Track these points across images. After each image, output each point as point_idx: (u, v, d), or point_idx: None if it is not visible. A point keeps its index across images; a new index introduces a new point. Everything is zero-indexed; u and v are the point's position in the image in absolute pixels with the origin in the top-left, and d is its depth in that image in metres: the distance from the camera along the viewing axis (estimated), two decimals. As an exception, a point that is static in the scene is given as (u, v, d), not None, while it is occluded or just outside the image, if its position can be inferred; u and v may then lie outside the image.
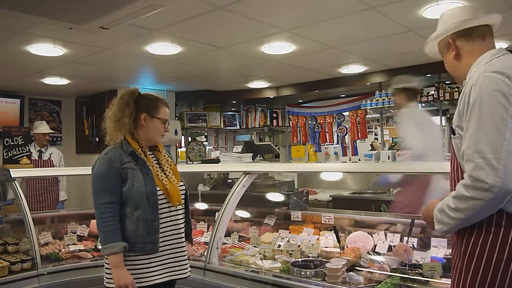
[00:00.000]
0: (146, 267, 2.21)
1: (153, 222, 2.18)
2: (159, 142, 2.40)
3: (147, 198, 2.18)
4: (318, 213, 3.40)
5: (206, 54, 5.14)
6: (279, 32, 4.40)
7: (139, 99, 2.32)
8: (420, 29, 4.43)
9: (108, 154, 2.26)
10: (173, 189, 2.27)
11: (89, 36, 4.09)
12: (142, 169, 2.23)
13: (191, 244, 2.61)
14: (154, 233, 2.18)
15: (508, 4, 3.71)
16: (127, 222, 2.19)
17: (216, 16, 3.79)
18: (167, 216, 2.28)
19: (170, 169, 2.35)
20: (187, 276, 2.35)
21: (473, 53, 1.74)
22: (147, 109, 2.30)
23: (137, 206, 2.18)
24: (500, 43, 5.06)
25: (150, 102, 2.34)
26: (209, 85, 7.28)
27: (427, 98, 6.17)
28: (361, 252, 2.83)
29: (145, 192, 2.18)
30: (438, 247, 2.72)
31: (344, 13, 3.88)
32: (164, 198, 2.26)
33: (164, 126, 2.35)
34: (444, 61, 1.92)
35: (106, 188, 2.18)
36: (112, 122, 2.26)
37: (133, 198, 2.18)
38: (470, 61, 1.74)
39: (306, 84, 7.26)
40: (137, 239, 2.17)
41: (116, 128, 2.25)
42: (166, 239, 2.27)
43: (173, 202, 2.26)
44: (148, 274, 2.21)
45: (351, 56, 5.60)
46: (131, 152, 2.24)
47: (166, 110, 2.38)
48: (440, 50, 1.93)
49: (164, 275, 2.25)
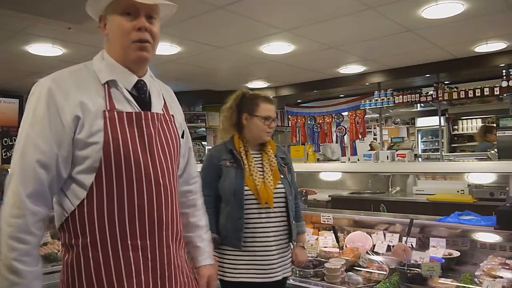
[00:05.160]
0: (232, 263, 2.23)
1: (238, 220, 2.21)
2: (265, 140, 2.36)
3: (234, 195, 2.22)
4: (317, 213, 3.39)
5: (205, 54, 5.14)
6: (278, 32, 4.41)
7: (241, 101, 2.40)
8: (419, 29, 4.44)
9: (211, 150, 2.44)
10: (264, 189, 2.23)
11: (88, 36, 4.09)
12: (237, 167, 2.28)
13: (300, 247, 2.46)
14: (239, 230, 2.21)
15: (507, 4, 3.71)
16: (220, 216, 2.29)
17: (216, 16, 3.80)
18: (256, 217, 2.25)
19: (271, 170, 2.31)
20: (275, 280, 2.25)
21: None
22: (247, 109, 2.35)
23: (227, 202, 2.26)
24: (499, 43, 5.07)
25: (249, 102, 2.38)
26: (208, 85, 7.28)
27: (426, 98, 6.18)
28: (360, 252, 2.83)
29: (233, 189, 2.23)
30: (437, 247, 2.72)
31: (343, 13, 3.89)
32: (254, 198, 2.24)
33: (265, 122, 2.33)
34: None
35: (206, 181, 2.25)
36: (221, 124, 2.45)
37: (223, 193, 2.26)
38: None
39: (305, 84, 7.27)
40: (227, 233, 2.24)
41: (223, 131, 2.42)
42: (254, 239, 2.24)
43: (261, 201, 2.23)
44: (233, 270, 2.23)
45: (350, 56, 5.61)
46: (230, 150, 2.31)
47: (267, 106, 2.36)
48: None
49: (248, 275, 2.22)
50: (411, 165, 3.59)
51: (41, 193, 1.23)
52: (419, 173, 4.93)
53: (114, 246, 1.27)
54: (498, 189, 4.37)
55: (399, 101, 6.44)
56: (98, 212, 1.26)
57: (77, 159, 1.26)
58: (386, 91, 6.67)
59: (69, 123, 1.24)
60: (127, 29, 1.29)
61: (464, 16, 3.98)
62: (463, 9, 3.80)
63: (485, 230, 2.65)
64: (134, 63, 1.35)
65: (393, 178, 5.67)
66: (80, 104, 1.25)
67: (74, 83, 1.29)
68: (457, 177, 4.97)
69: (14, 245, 1.18)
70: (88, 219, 1.26)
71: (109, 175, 1.25)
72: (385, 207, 4.12)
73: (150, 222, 1.31)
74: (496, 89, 5.48)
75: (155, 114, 1.38)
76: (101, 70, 1.33)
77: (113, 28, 1.32)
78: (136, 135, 1.30)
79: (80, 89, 1.28)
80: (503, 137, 2.98)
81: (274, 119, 2.36)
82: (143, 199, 1.30)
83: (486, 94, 5.63)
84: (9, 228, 1.19)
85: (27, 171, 1.21)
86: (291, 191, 2.36)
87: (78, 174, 1.27)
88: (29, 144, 1.22)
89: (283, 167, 2.39)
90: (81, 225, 1.27)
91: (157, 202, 1.33)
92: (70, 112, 1.24)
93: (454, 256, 2.65)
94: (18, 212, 1.19)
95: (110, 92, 1.31)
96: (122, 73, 1.34)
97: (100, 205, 1.26)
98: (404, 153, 5.42)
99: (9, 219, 1.19)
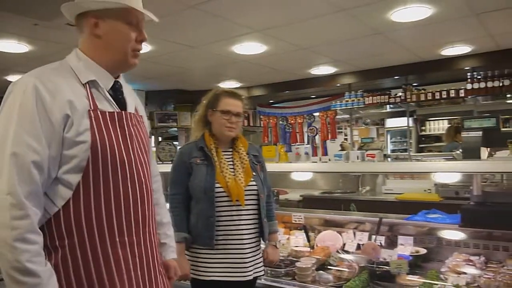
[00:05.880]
0: (204, 262, 2.21)
1: (209, 218, 2.18)
2: (228, 135, 2.29)
3: (204, 193, 2.19)
4: (288, 212, 3.42)
5: (177, 53, 5.10)
6: (250, 33, 4.41)
7: (210, 97, 2.35)
8: (389, 32, 4.53)
9: (182, 148, 2.41)
10: (234, 185, 2.20)
11: (56, 32, 3.98)
12: (208, 165, 2.24)
13: (272, 246, 2.44)
14: (210, 229, 2.18)
15: (471, 10, 3.84)
16: (191, 215, 2.26)
17: (188, 15, 3.77)
18: (227, 215, 2.22)
19: (242, 168, 2.28)
20: (248, 279, 2.23)
21: None
22: (211, 105, 2.31)
23: (197, 200, 2.23)
24: (464, 47, 5.23)
25: (214, 97, 2.33)
26: (180, 85, 7.22)
27: (395, 100, 6.32)
28: (330, 251, 2.87)
29: (204, 187, 2.19)
30: (404, 245, 2.78)
31: (315, 15, 3.93)
32: (225, 195, 2.20)
33: (224, 117, 2.25)
34: None
35: (175, 180, 2.30)
36: (193, 123, 2.44)
37: (194, 192, 2.24)
38: None
39: (277, 84, 7.31)
40: (198, 232, 2.22)
41: (194, 128, 2.40)
42: (226, 237, 2.21)
43: (232, 198, 2.20)
44: (205, 269, 2.21)
45: (322, 57, 5.67)
46: (200, 148, 2.27)
47: (228, 100, 2.28)
48: None
49: (221, 274, 2.20)
50: (380, 165, 3.66)
51: (36, 194, 1.20)
52: (388, 173, 5.03)
53: (103, 244, 1.28)
54: (463, 188, 4.51)
55: (369, 102, 6.56)
56: (86, 212, 1.26)
57: (65, 158, 1.25)
58: (357, 92, 6.78)
59: (59, 122, 1.22)
60: (132, 38, 1.38)
61: (431, 20, 4.09)
62: (430, 13, 3.91)
63: (450, 228, 2.74)
64: (126, 68, 1.43)
65: (363, 177, 5.77)
66: (68, 103, 1.24)
67: (58, 81, 1.27)
68: (425, 177, 5.10)
69: (24, 247, 1.14)
70: (74, 219, 1.25)
71: (96, 174, 1.26)
72: (355, 206, 4.19)
73: (135, 220, 1.35)
74: (461, 92, 5.66)
75: (132, 114, 1.42)
76: (80, 69, 1.34)
77: (114, 33, 1.36)
78: (119, 135, 1.33)
79: (66, 87, 1.27)
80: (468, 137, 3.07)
81: (236, 113, 2.28)
82: (128, 197, 1.33)
83: (452, 96, 5.80)
84: (14, 231, 1.13)
85: (23, 172, 1.17)
86: (264, 189, 2.34)
87: (65, 174, 1.25)
88: (20, 143, 1.18)
89: (256, 164, 2.37)
90: (67, 226, 1.25)
91: (141, 200, 1.37)
92: (59, 111, 1.23)
93: (421, 254, 2.72)
94: (21, 213, 1.15)
95: (92, 92, 1.33)
96: (101, 74, 1.36)
97: (87, 204, 1.26)
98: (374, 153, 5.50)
99: (11, 222, 1.14)
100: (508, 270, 2.30)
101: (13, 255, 1.12)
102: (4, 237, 1.13)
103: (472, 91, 5.58)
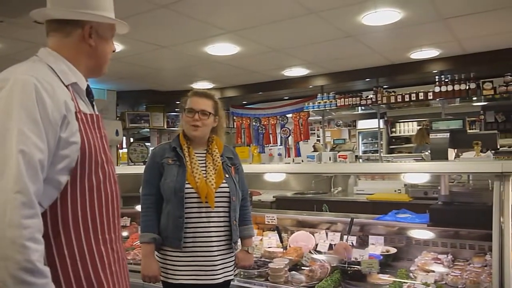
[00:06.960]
0: (173, 264, 2.18)
1: (178, 219, 2.16)
2: (192, 135, 2.27)
3: (174, 193, 2.17)
4: (261, 213, 3.42)
5: (149, 53, 5.03)
6: (223, 33, 4.40)
7: (184, 99, 2.34)
8: (359, 35, 4.60)
9: (155, 149, 2.39)
10: (204, 186, 2.18)
11: (23, 30, 3.87)
12: (180, 165, 2.23)
13: (244, 251, 2.40)
14: (179, 230, 2.16)
15: (439, 15, 3.94)
16: (161, 215, 2.24)
17: (159, 14, 3.73)
18: (196, 216, 2.19)
19: (214, 169, 2.26)
20: (217, 283, 2.20)
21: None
22: (183, 106, 2.31)
23: (168, 201, 2.21)
24: (432, 51, 5.37)
25: (185, 98, 2.33)
26: (152, 85, 7.13)
27: (366, 102, 6.43)
28: (303, 251, 2.89)
29: (173, 187, 2.18)
30: (375, 245, 2.83)
31: (286, 16, 3.96)
32: (196, 196, 2.18)
33: (188, 115, 2.24)
34: None
35: (147, 180, 2.29)
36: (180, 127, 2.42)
37: (164, 192, 2.22)
38: None
39: (250, 85, 7.32)
40: (167, 234, 2.19)
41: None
42: (195, 240, 2.18)
43: (201, 197, 2.18)
44: (174, 272, 2.18)
45: (294, 59, 5.71)
46: (173, 148, 2.27)
47: (193, 99, 2.28)
48: None
49: (189, 277, 2.16)
50: (352, 166, 3.71)
51: (39, 194, 1.18)
52: (360, 173, 5.10)
53: (88, 241, 1.31)
54: (432, 189, 4.62)
55: (341, 104, 6.65)
56: (73, 211, 1.28)
57: (57, 158, 1.25)
58: (329, 94, 6.88)
59: (57, 122, 1.23)
60: (112, 49, 1.54)
61: (401, 24, 4.18)
62: (399, 17, 3.99)
63: (419, 227, 2.79)
64: (99, 75, 1.52)
65: (335, 178, 5.84)
66: (64, 103, 1.26)
67: (51, 81, 1.27)
68: (395, 177, 5.21)
69: (35, 247, 1.12)
70: (62, 218, 1.26)
71: (82, 174, 1.29)
72: (328, 207, 4.23)
73: (113, 216, 1.41)
74: (429, 94, 5.82)
75: (100, 116, 1.45)
76: (63, 71, 1.34)
77: (104, 45, 1.48)
78: (98, 136, 1.37)
79: (59, 87, 1.28)
80: (436, 139, 3.14)
81: (200, 111, 2.24)
82: (107, 195, 1.38)
83: (421, 99, 5.96)
84: (26, 230, 1.10)
85: (31, 170, 1.15)
86: (237, 191, 2.31)
87: (56, 174, 1.25)
88: (26, 141, 1.15)
89: (229, 166, 2.35)
90: (53, 225, 1.25)
91: (116, 198, 1.43)
92: (58, 111, 1.23)
93: (391, 253, 2.77)
94: (32, 212, 1.13)
95: (74, 94, 1.35)
96: (79, 77, 1.40)
97: (74, 203, 1.29)
98: (346, 154, 5.60)
99: (22, 221, 1.10)
100: (474, 268, 2.36)
101: (23, 256, 1.09)
102: (14, 237, 1.09)
103: (440, 94, 5.74)
